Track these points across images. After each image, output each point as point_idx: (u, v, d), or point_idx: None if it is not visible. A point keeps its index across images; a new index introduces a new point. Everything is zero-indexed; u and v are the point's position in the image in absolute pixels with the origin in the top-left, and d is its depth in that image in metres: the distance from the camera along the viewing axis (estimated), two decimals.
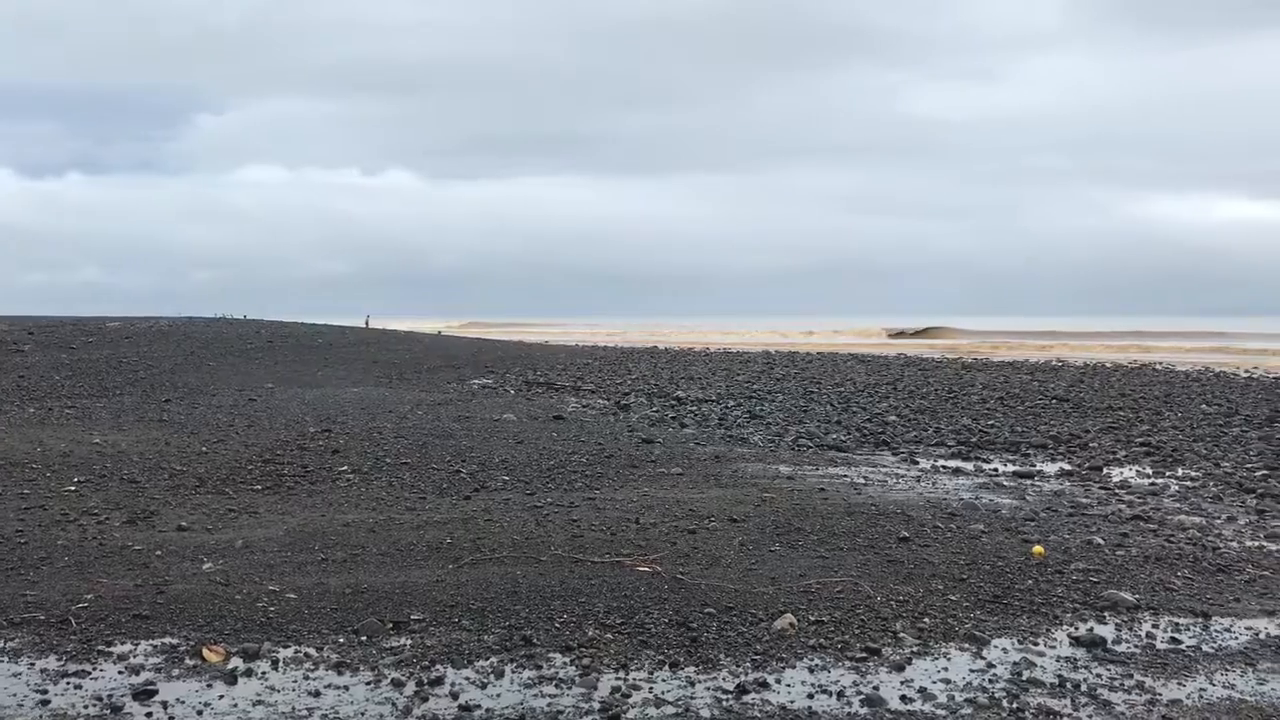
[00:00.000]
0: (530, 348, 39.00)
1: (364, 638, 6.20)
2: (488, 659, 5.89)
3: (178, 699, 5.34)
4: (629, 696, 5.38)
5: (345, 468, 11.78)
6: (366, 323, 56.99)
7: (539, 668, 5.77)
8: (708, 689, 5.50)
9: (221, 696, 5.39)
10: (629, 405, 20.04)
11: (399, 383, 23.39)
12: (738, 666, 5.81)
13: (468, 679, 5.63)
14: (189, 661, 5.82)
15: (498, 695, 5.43)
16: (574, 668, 5.76)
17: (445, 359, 29.57)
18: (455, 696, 5.40)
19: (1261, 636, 6.52)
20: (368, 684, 5.56)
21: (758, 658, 5.93)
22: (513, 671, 5.72)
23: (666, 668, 5.78)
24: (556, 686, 5.53)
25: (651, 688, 5.50)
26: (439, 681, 5.57)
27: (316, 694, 5.43)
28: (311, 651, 6.00)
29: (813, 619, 6.57)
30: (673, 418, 18.15)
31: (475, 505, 9.86)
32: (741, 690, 5.47)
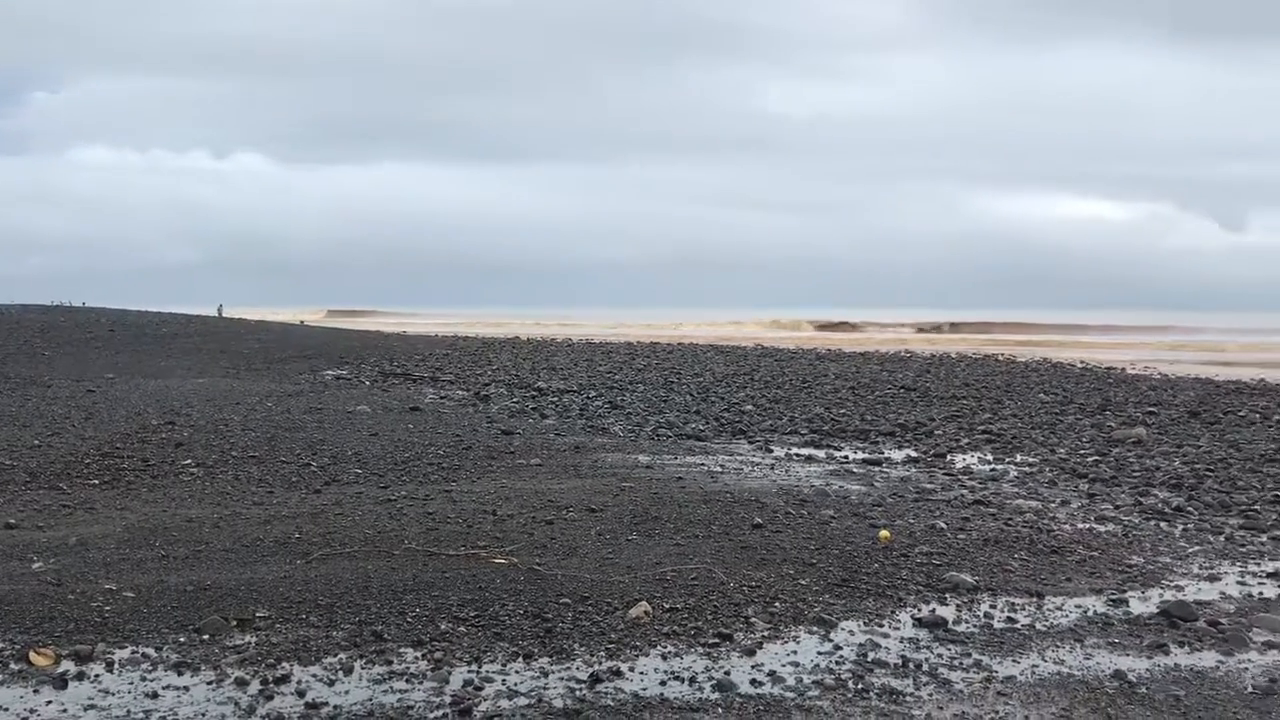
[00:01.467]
0: (387, 338, 38.32)
1: (206, 636, 5.99)
2: (336, 655, 5.75)
3: (0, 706, 5.06)
4: (481, 689, 5.33)
5: (189, 461, 11.36)
6: (219, 312, 55.06)
7: (389, 663, 5.67)
8: (561, 679, 5.49)
9: (49, 702, 5.13)
10: (489, 396, 19.87)
11: (248, 374, 22.69)
12: (592, 656, 5.82)
13: (315, 676, 5.49)
14: (14, 666, 5.52)
15: (346, 692, 5.31)
16: (426, 662, 5.68)
17: (297, 349, 28.79)
18: (302, 694, 5.26)
19: (1090, 614, 6.86)
20: (209, 684, 5.37)
21: (612, 646, 5.96)
22: (362, 667, 5.61)
23: (520, 659, 5.75)
24: (407, 681, 5.44)
25: (504, 680, 5.47)
26: (285, 679, 5.42)
27: (154, 695, 5.22)
28: (150, 652, 5.77)
29: (667, 606, 6.63)
30: (533, 408, 18.08)
31: (326, 499, 9.64)
32: (595, 679, 5.47)
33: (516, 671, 5.59)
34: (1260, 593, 7.48)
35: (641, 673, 5.61)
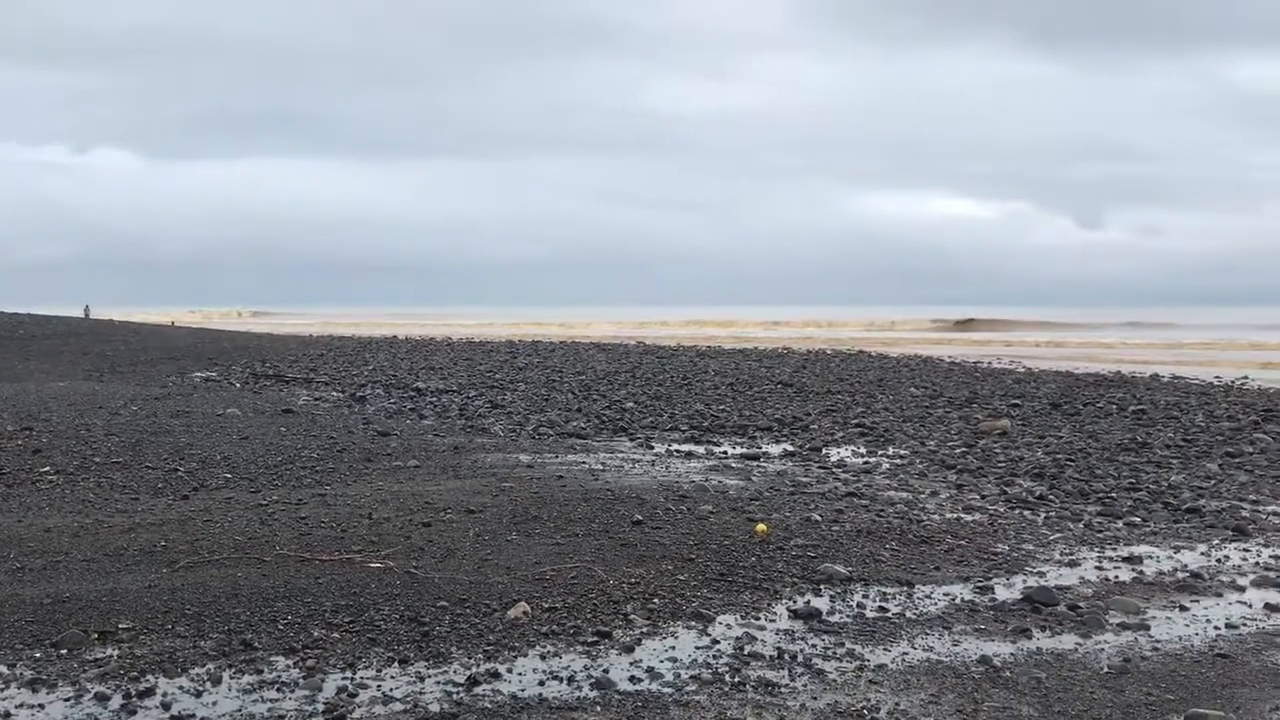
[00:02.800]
0: (259, 338, 37.36)
1: (64, 650, 5.74)
2: (204, 666, 5.58)
3: None
4: (355, 696, 5.23)
5: (48, 468, 10.87)
6: (86, 312, 52.98)
7: (260, 672, 5.52)
8: (438, 683, 5.43)
9: None
10: (365, 397, 19.54)
11: (112, 376, 21.86)
12: (469, 658, 5.76)
13: (181, 688, 5.31)
14: None
15: (214, 703, 5.15)
16: (298, 670, 5.55)
17: (165, 351, 27.87)
18: (167, 707, 5.09)
19: (957, 601, 7.08)
20: (67, 700, 5.15)
21: (490, 648, 5.91)
22: (231, 677, 5.45)
23: (396, 664, 5.66)
24: (279, 690, 5.30)
25: (380, 686, 5.37)
26: (149, 693, 5.23)
27: (6, 715, 4.99)
28: (2, 669, 5.50)
29: (546, 606, 6.61)
30: (411, 409, 17.83)
31: (194, 505, 9.33)
32: (473, 682, 5.42)
33: (392, 677, 5.50)
34: (1116, 576, 7.83)
35: (520, 674, 5.58)
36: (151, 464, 11.29)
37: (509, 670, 5.62)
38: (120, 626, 6.07)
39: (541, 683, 5.47)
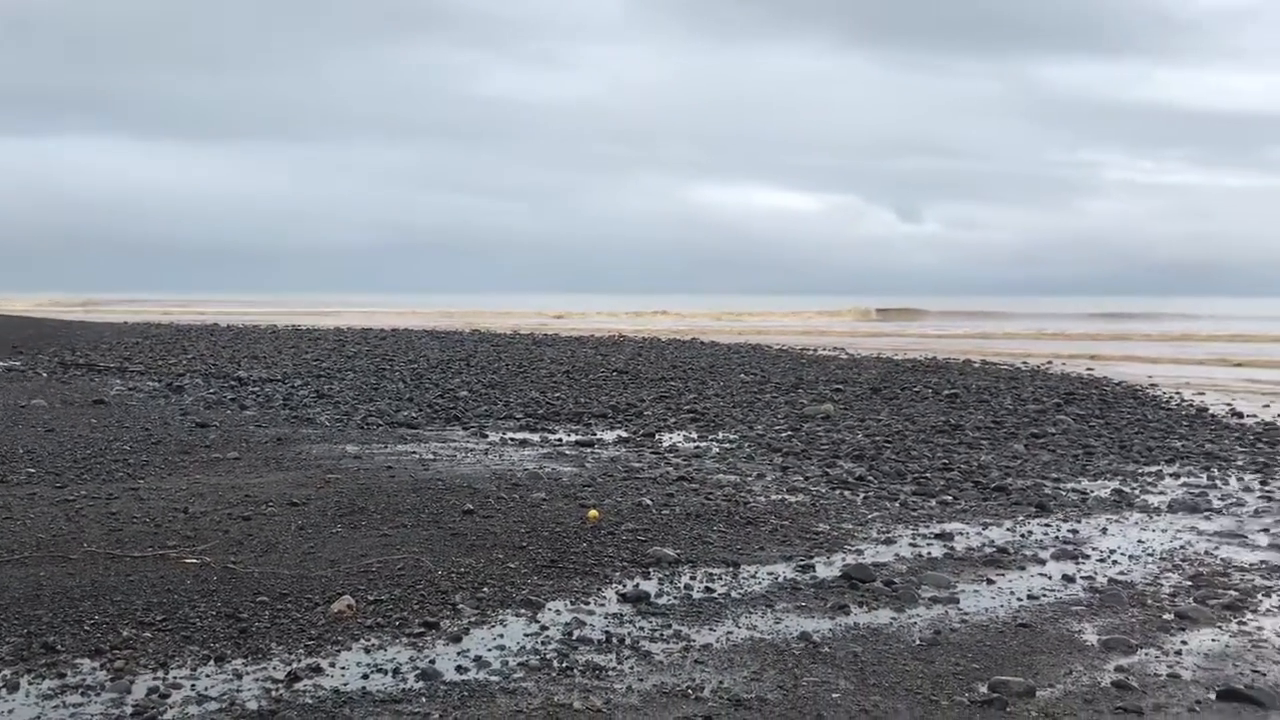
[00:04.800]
0: (69, 326, 35.41)
1: None
2: (0, 672, 5.26)
3: None
4: (168, 696, 5.02)
5: None
6: None
7: (63, 676, 5.24)
8: (256, 680, 5.26)
9: None
10: (183, 387, 18.75)
11: None
12: (290, 654, 5.60)
13: None
14: None
15: (10, 711, 4.86)
16: (105, 672, 5.29)
17: None
18: None
19: (780, 580, 7.28)
20: None
21: (312, 643, 5.76)
22: (30, 683, 5.15)
23: (212, 662, 5.46)
24: (83, 694, 5.05)
25: (194, 685, 5.17)
26: None
27: None
28: None
29: (372, 599, 6.49)
30: (232, 399, 17.19)
31: None
32: (293, 678, 5.28)
33: (207, 675, 5.31)
34: (929, 553, 8.19)
35: (343, 668, 5.46)
36: None
37: (332, 665, 5.49)
38: None
39: (365, 676, 5.37)
